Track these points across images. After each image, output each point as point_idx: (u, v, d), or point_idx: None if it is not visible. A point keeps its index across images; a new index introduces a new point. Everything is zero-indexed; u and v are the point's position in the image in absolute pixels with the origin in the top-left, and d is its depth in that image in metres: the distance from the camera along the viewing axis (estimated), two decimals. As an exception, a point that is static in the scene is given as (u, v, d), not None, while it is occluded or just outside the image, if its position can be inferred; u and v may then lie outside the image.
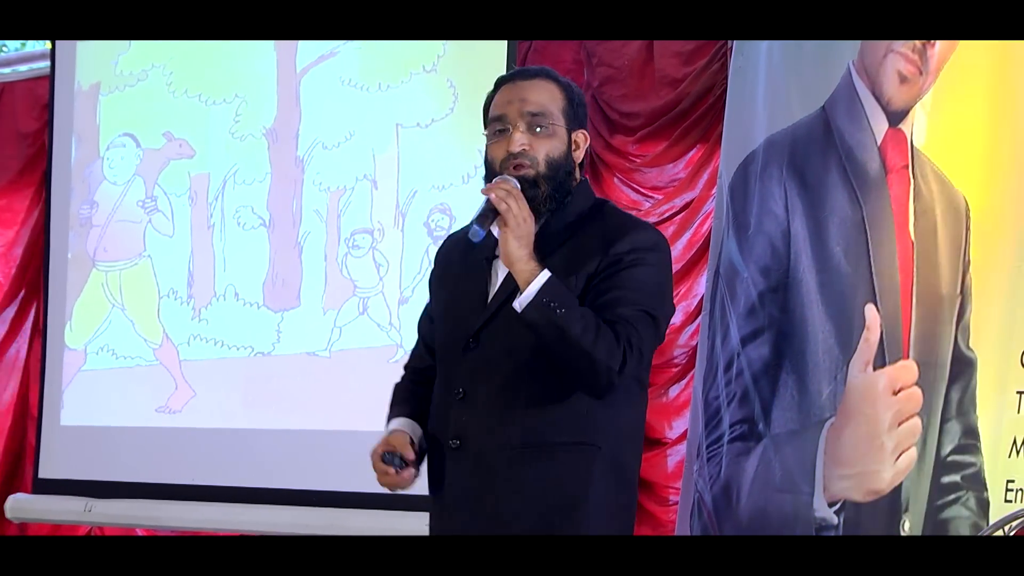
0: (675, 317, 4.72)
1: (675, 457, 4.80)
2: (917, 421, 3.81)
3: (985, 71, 3.83)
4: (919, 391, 3.82)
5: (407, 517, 4.33)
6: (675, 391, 4.88)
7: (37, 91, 6.43)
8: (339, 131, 5.20)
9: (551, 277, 2.68)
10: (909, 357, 3.86)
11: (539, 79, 2.86)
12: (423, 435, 2.87)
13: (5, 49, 6.71)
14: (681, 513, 4.37)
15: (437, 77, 4.99)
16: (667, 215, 4.88)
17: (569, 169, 2.84)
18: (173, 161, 5.61)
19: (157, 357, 5.57)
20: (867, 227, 3.99)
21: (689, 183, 4.89)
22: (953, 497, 3.72)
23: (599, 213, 2.87)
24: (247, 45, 5.31)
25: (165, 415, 5.49)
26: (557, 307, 2.66)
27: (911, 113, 3.96)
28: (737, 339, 4.23)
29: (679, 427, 4.80)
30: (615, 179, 5.04)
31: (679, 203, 4.89)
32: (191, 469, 5.35)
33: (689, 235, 4.87)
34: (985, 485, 3.67)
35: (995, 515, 3.57)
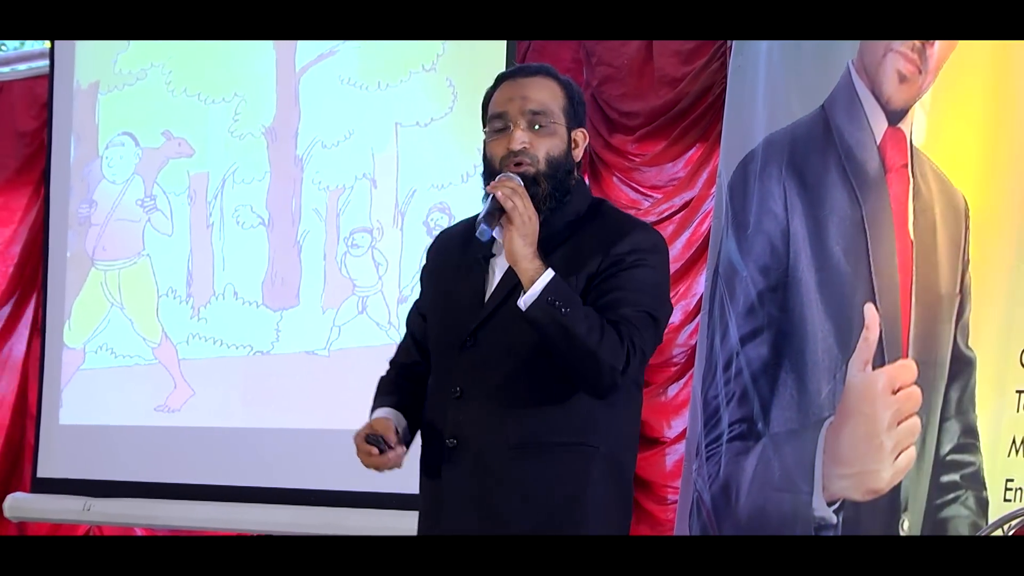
0: (674, 316, 4.72)
1: (673, 456, 4.80)
2: (916, 420, 3.81)
3: (984, 70, 3.83)
4: (918, 390, 3.82)
5: (406, 516, 4.30)
6: (674, 390, 4.87)
7: (36, 90, 6.44)
8: (338, 130, 5.19)
9: (555, 276, 2.67)
10: (908, 356, 3.86)
11: (540, 76, 2.85)
12: (407, 427, 2.85)
13: (4, 48, 6.70)
14: (680, 512, 4.37)
15: (436, 76, 4.99)
16: (666, 214, 4.88)
17: (569, 168, 2.83)
18: (172, 160, 5.61)
19: (156, 356, 5.57)
20: (866, 226, 3.99)
21: (688, 182, 4.89)
22: (952, 496, 3.72)
23: (597, 213, 2.87)
24: (246, 44, 5.30)
25: (164, 414, 5.49)
26: (562, 306, 2.65)
27: (910, 112, 3.96)
28: (736, 338, 4.23)
29: (678, 426, 4.80)
30: (614, 178, 5.04)
31: (678, 202, 4.89)
32: (190, 468, 5.35)
33: (688, 234, 4.87)
34: (984, 484, 3.67)
35: (994, 514, 3.58)
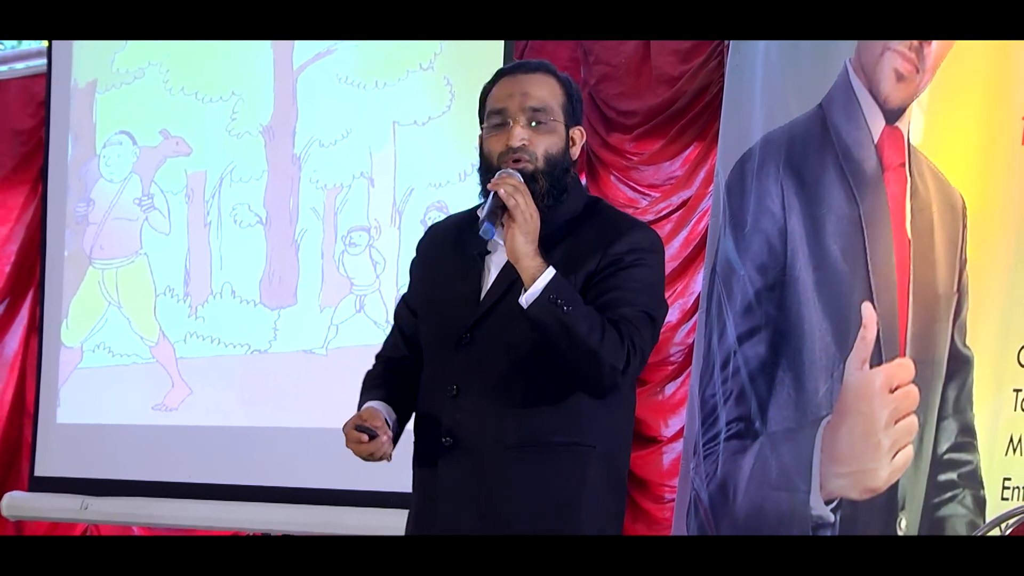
0: (671, 314, 4.72)
1: (670, 455, 4.80)
2: (914, 419, 3.81)
3: (982, 69, 3.83)
4: (916, 389, 3.82)
5: (403, 515, 4.30)
6: (671, 389, 4.87)
7: (32, 88, 6.44)
8: (336, 129, 5.19)
9: (557, 274, 2.66)
10: (906, 355, 3.86)
11: (540, 73, 2.84)
12: (396, 420, 2.84)
13: (1, 47, 6.70)
14: (677, 511, 4.37)
15: (434, 75, 4.99)
16: (664, 213, 4.88)
17: (566, 166, 2.82)
18: (169, 159, 5.61)
19: (153, 355, 5.57)
20: (864, 225, 3.99)
21: (686, 181, 4.89)
22: (950, 495, 3.73)
23: (594, 211, 2.86)
24: (244, 43, 5.30)
25: (161, 413, 5.49)
26: (564, 304, 2.64)
27: (908, 111, 3.96)
28: (734, 337, 4.23)
29: (675, 425, 4.80)
30: (612, 177, 5.04)
31: (676, 201, 4.89)
32: (187, 467, 5.35)
33: (686, 233, 4.87)
34: (982, 483, 3.68)
35: (991, 513, 3.58)
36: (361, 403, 2.87)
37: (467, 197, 2.97)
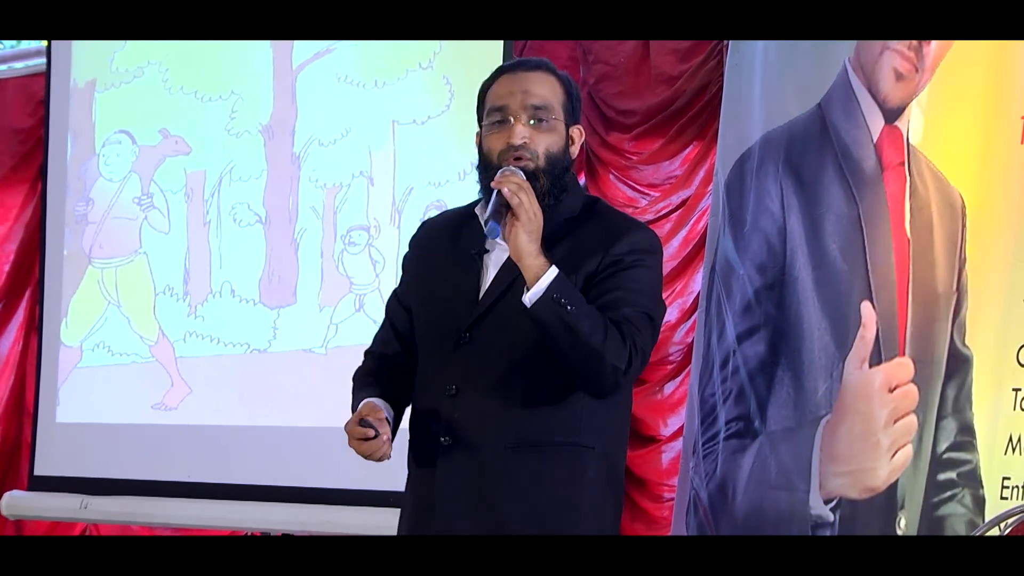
0: (671, 314, 4.73)
1: (669, 454, 4.81)
2: (913, 418, 3.82)
3: (981, 69, 3.83)
4: (915, 388, 3.83)
5: (403, 514, 4.32)
6: (670, 388, 4.87)
7: (31, 87, 6.44)
8: (335, 128, 5.19)
9: (560, 273, 2.65)
10: (905, 354, 3.87)
11: (541, 71, 2.83)
12: (393, 417, 2.81)
13: (0, 46, 6.70)
14: (677, 510, 4.37)
15: (433, 74, 4.99)
16: (663, 212, 4.88)
17: (566, 164, 2.82)
18: (169, 158, 5.60)
19: (153, 354, 5.57)
20: (863, 224, 3.99)
21: (685, 180, 4.89)
22: (949, 494, 3.73)
23: (593, 211, 2.85)
24: (243, 42, 5.30)
25: (161, 412, 5.49)
26: (567, 304, 2.63)
27: (907, 110, 3.96)
28: (733, 336, 4.23)
29: (674, 424, 4.80)
30: (611, 176, 5.04)
31: (675, 200, 4.89)
32: (187, 466, 5.34)
33: (685, 232, 4.87)
34: (981, 482, 3.68)
35: (991, 512, 3.58)
36: (355, 401, 2.85)
37: (466, 196, 2.97)
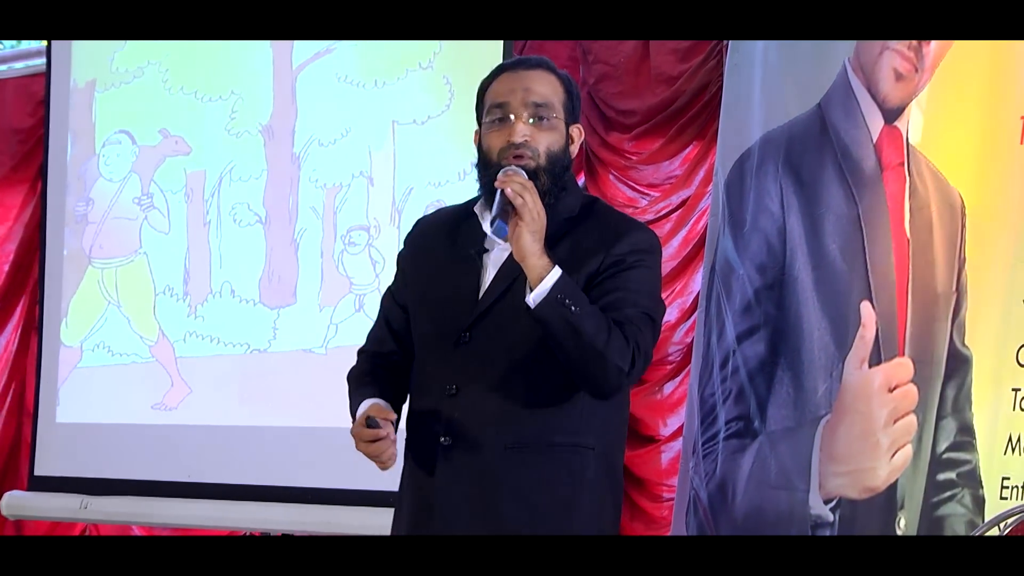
0: (670, 313, 4.73)
1: (668, 454, 4.81)
2: (912, 418, 3.82)
3: (981, 69, 3.84)
4: (914, 388, 3.83)
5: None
6: (669, 388, 4.87)
7: (31, 87, 6.44)
8: (335, 128, 5.19)
9: (563, 274, 2.64)
10: (905, 354, 3.87)
11: (541, 70, 2.82)
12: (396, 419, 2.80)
13: (1, 46, 6.70)
14: (677, 510, 4.37)
15: (433, 74, 4.99)
16: (663, 212, 4.89)
17: (566, 163, 2.81)
18: (169, 158, 5.61)
19: (153, 354, 5.57)
20: (863, 224, 4.00)
21: (685, 180, 4.89)
22: (949, 494, 3.73)
23: (592, 210, 2.84)
24: (243, 42, 5.30)
25: (161, 412, 5.49)
26: (571, 305, 2.61)
27: (907, 110, 3.96)
28: (733, 336, 4.23)
29: (673, 424, 4.80)
30: (611, 176, 5.04)
31: (675, 200, 4.89)
32: (187, 466, 5.34)
33: (685, 232, 4.87)
34: (981, 482, 3.68)
35: (990, 512, 3.59)
36: (353, 403, 2.84)
37: (466, 196, 2.96)
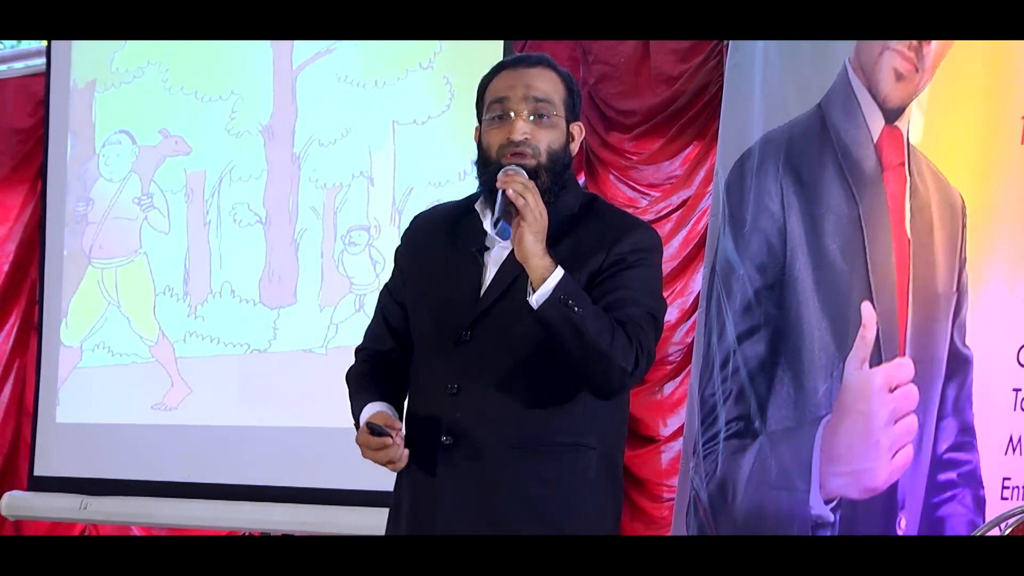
0: (671, 313, 4.72)
1: (668, 454, 4.81)
2: (913, 419, 3.82)
3: (981, 69, 3.83)
4: (915, 388, 3.83)
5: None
6: (669, 388, 4.87)
7: (31, 87, 6.44)
8: (335, 128, 5.19)
9: (566, 274, 2.63)
10: (905, 354, 3.87)
11: (542, 67, 2.81)
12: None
13: (1, 46, 6.70)
14: (677, 510, 4.37)
15: (433, 74, 4.99)
16: (664, 212, 4.89)
17: (567, 161, 2.80)
18: (169, 158, 5.61)
19: (153, 354, 5.57)
20: (863, 224, 3.99)
21: (685, 180, 4.89)
22: (949, 495, 3.73)
23: (592, 209, 2.83)
24: (243, 42, 5.30)
25: (161, 412, 5.49)
26: (575, 305, 2.60)
27: (907, 110, 3.96)
28: (733, 336, 4.23)
29: (673, 424, 4.80)
30: (611, 176, 5.04)
31: (676, 200, 4.89)
32: (187, 466, 5.35)
33: (685, 232, 4.87)
34: (981, 483, 3.68)
35: (991, 513, 3.58)
36: (354, 404, 2.83)
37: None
